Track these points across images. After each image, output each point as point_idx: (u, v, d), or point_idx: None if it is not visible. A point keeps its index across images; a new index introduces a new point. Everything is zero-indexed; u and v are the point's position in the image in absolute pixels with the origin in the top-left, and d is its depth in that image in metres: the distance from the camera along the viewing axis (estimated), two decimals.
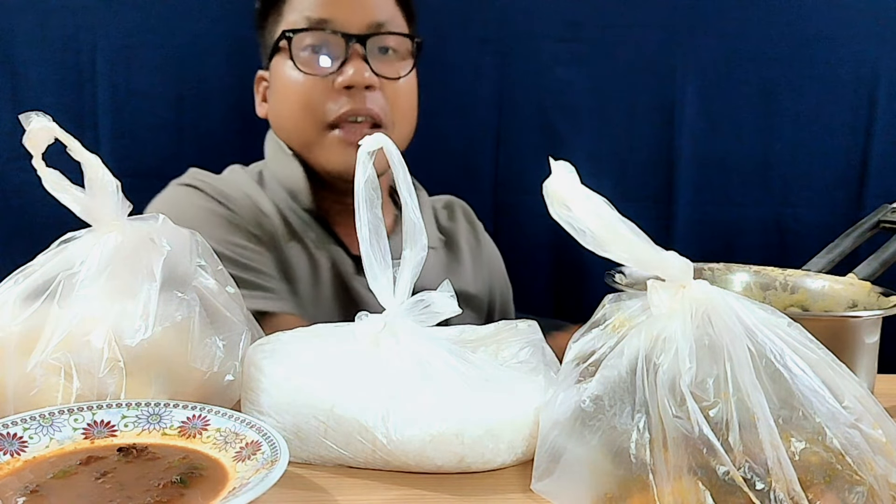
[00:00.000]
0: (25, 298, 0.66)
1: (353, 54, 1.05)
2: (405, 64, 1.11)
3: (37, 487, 0.53)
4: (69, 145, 0.66)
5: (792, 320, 0.56)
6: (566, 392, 0.58)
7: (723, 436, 0.50)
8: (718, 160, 1.28)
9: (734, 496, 0.49)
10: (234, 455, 0.58)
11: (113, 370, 0.64)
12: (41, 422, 0.60)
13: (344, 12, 1.07)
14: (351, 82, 1.04)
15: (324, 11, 1.06)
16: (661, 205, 1.29)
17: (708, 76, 1.26)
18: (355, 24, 1.06)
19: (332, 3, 1.07)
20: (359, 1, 1.09)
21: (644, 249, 0.54)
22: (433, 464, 0.60)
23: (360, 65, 1.05)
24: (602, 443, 0.54)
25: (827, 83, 1.26)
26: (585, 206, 0.53)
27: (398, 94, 1.10)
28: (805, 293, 0.81)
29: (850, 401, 0.52)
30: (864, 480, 0.50)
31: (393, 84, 1.08)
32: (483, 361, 0.65)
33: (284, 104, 1.10)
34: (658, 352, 0.54)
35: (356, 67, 1.04)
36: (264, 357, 0.65)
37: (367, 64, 1.05)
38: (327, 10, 1.06)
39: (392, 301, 0.64)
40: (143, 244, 0.69)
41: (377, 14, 1.08)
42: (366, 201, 0.64)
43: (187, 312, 0.69)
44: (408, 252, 0.64)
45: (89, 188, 0.67)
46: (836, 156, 1.28)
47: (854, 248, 0.85)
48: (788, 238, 1.29)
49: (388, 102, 1.08)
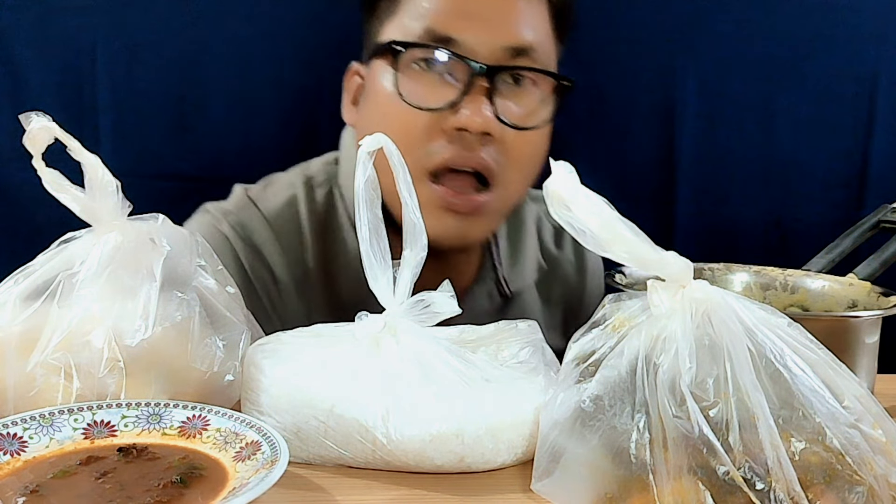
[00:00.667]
0: (25, 298, 0.66)
1: (475, 87, 0.82)
2: (542, 107, 0.87)
3: (37, 487, 0.53)
4: (69, 145, 0.66)
5: (792, 320, 0.56)
6: (566, 392, 0.58)
7: (723, 436, 0.50)
8: (718, 160, 1.28)
9: (734, 496, 0.49)
10: (234, 455, 0.58)
11: (113, 370, 0.64)
12: (41, 422, 0.60)
13: (477, 31, 0.83)
14: (466, 126, 0.82)
15: (452, 27, 0.83)
16: (661, 205, 1.29)
17: (708, 76, 1.26)
18: (487, 48, 0.83)
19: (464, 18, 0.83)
20: (500, 15, 0.85)
21: (644, 249, 0.54)
22: (433, 464, 0.60)
23: (481, 103, 0.82)
24: (602, 443, 0.54)
25: (827, 83, 1.26)
26: (585, 206, 0.53)
27: (523, 146, 0.86)
28: (805, 293, 0.81)
29: (850, 401, 0.53)
30: (864, 480, 0.50)
31: (519, 133, 0.85)
32: (483, 361, 0.65)
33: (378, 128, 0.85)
34: (658, 352, 0.54)
35: (475, 107, 0.82)
36: (264, 357, 0.65)
37: (490, 103, 0.83)
38: (456, 25, 0.83)
39: (392, 301, 0.64)
40: (143, 244, 0.69)
41: (521, 36, 0.84)
42: (366, 201, 0.64)
43: (187, 312, 0.69)
44: (408, 252, 0.64)
45: (89, 188, 0.67)
46: (836, 156, 1.28)
47: (854, 248, 0.85)
48: (788, 238, 1.29)
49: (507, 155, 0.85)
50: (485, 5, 0.85)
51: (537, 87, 0.87)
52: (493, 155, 0.84)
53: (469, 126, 0.82)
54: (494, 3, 0.85)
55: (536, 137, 0.87)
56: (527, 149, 0.87)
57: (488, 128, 0.82)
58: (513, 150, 0.85)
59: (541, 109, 0.88)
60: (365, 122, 0.93)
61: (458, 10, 0.84)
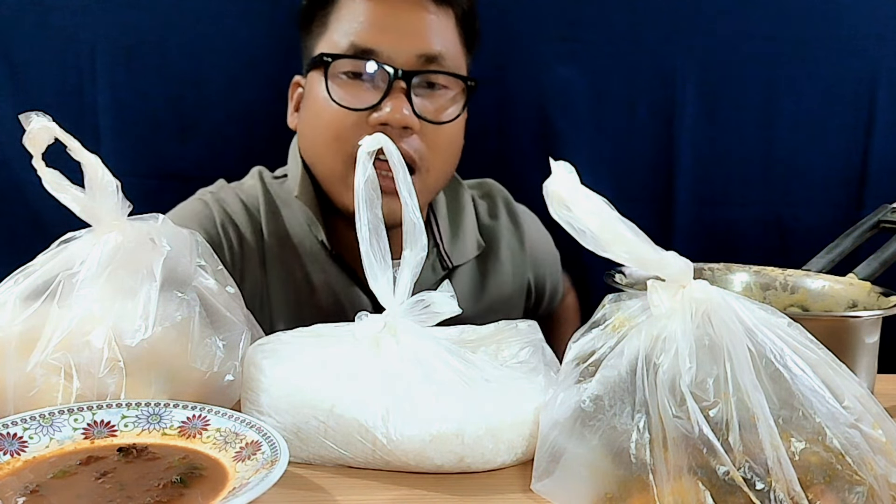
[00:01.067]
0: (25, 298, 0.66)
1: (395, 89, 0.95)
2: (453, 105, 1.01)
3: (37, 487, 0.53)
4: (69, 145, 0.66)
5: (792, 320, 0.56)
6: (566, 392, 0.58)
7: (723, 436, 0.50)
8: (718, 160, 1.28)
9: (734, 496, 0.49)
10: (234, 455, 0.58)
11: (113, 370, 0.64)
12: (41, 422, 0.60)
13: (393, 42, 0.96)
14: (387, 121, 0.94)
15: (371, 40, 0.96)
16: (661, 205, 1.29)
17: (708, 76, 1.26)
18: (403, 56, 0.96)
19: (382, 32, 0.96)
20: (412, 28, 0.98)
21: (644, 249, 0.54)
22: (433, 464, 0.60)
23: (401, 102, 0.95)
24: (602, 443, 0.54)
25: (827, 83, 1.26)
26: (585, 206, 0.53)
27: (439, 137, 0.99)
28: (805, 293, 0.81)
29: (850, 401, 0.53)
30: (864, 480, 0.50)
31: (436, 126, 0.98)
32: (483, 361, 0.65)
33: (314, 130, 1.01)
34: (658, 352, 0.54)
35: (395, 105, 0.94)
36: (264, 357, 0.65)
37: (408, 102, 0.95)
38: (375, 39, 0.96)
39: (392, 301, 0.64)
40: (143, 244, 0.69)
41: (430, 45, 0.98)
42: (366, 201, 0.64)
43: (187, 312, 0.69)
44: (408, 252, 0.64)
45: (89, 188, 0.67)
46: (836, 156, 1.28)
47: (854, 248, 0.85)
48: (788, 238, 1.29)
49: (427, 145, 0.98)
50: (400, 21, 0.98)
51: (448, 88, 1.01)
52: (414, 146, 0.97)
53: (390, 121, 0.94)
54: (408, 18, 0.99)
55: (451, 129, 1.01)
56: (444, 139, 1.01)
57: (406, 122, 0.95)
58: (430, 141, 0.99)
59: (452, 106, 1.01)
60: (304, 124, 1.05)
61: (378, 26, 0.97)
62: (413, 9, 0.99)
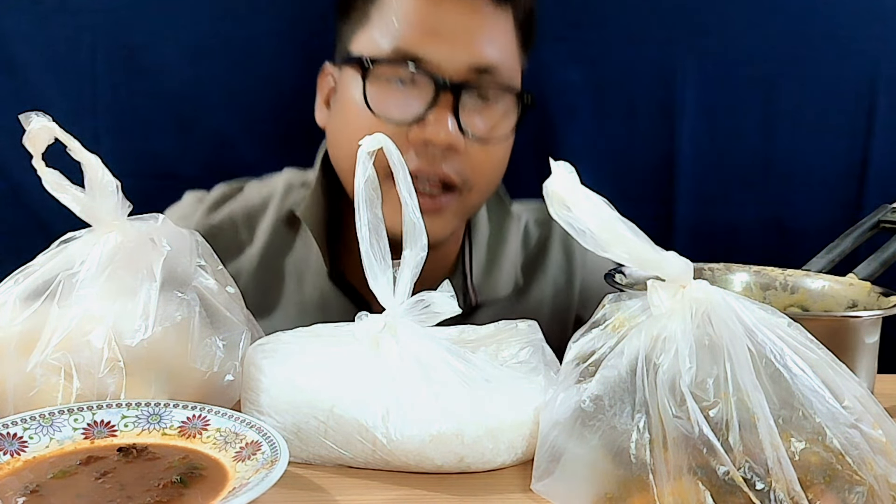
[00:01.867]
0: (25, 298, 0.66)
1: (440, 101, 0.85)
2: (505, 120, 0.90)
3: (37, 487, 0.53)
4: (69, 145, 0.66)
5: (792, 320, 0.56)
6: (566, 392, 0.58)
7: (723, 436, 0.50)
8: (718, 160, 1.28)
9: (734, 496, 0.49)
10: (234, 455, 0.58)
11: (113, 370, 0.64)
12: (41, 422, 0.60)
13: (442, 49, 0.85)
14: (430, 139, 0.85)
15: (417, 45, 0.85)
16: (661, 205, 1.28)
17: (708, 76, 1.26)
18: (453, 65, 0.85)
19: (430, 36, 0.86)
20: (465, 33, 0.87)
21: (644, 249, 0.54)
22: (433, 464, 0.60)
23: (446, 118, 0.84)
24: (602, 443, 0.54)
25: (827, 83, 1.26)
26: (585, 206, 0.53)
27: (487, 155, 0.89)
28: (805, 293, 0.81)
29: (850, 401, 0.53)
30: (864, 480, 0.50)
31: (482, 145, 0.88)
32: (483, 361, 0.65)
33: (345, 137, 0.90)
34: (658, 352, 0.54)
35: (440, 121, 0.84)
36: (264, 357, 0.65)
37: (455, 117, 0.85)
38: (422, 44, 0.85)
39: (392, 301, 0.64)
40: (143, 244, 0.69)
41: (485, 54, 0.87)
42: (366, 201, 0.64)
43: (187, 312, 0.69)
44: (408, 252, 0.64)
45: (89, 188, 0.67)
46: (836, 156, 1.28)
47: (854, 248, 0.85)
48: (788, 238, 1.29)
49: (471, 164, 0.88)
50: (451, 25, 0.87)
51: (500, 101, 0.90)
52: (455, 167, 0.87)
53: (433, 139, 0.85)
54: (460, 22, 0.87)
55: (499, 149, 0.91)
56: (489, 160, 0.90)
57: (452, 141, 0.85)
58: (476, 161, 0.89)
59: (503, 123, 0.90)
60: (334, 126, 0.96)
61: (426, 29, 0.86)
62: (467, 10, 0.87)
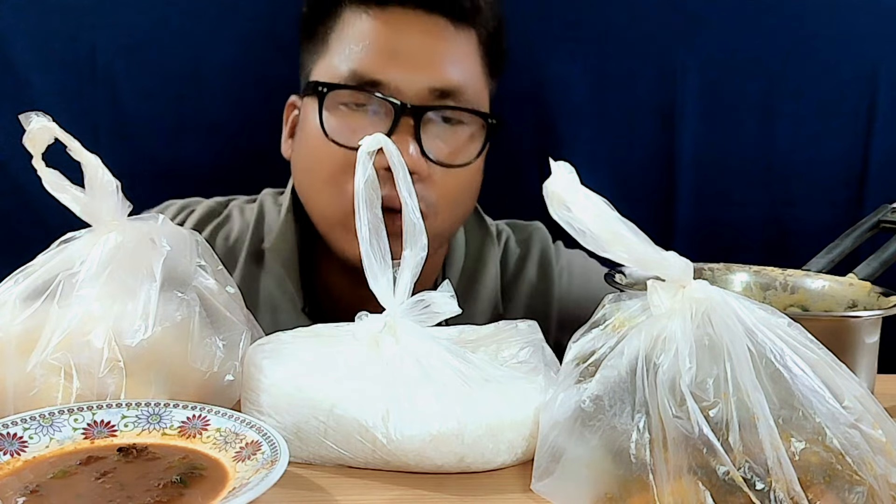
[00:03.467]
0: (25, 298, 0.66)
1: (401, 126, 0.81)
2: (471, 144, 0.86)
3: (37, 487, 0.53)
4: (69, 145, 0.66)
5: (792, 320, 0.56)
6: (566, 392, 0.58)
7: (723, 436, 0.50)
8: (718, 160, 1.28)
9: (734, 496, 0.49)
10: (234, 455, 0.58)
11: (113, 370, 0.64)
12: (41, 422, 0.60)
13: (402, 72, 0.82)
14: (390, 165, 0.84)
15: (376, 69, 0.83)
16: (661, 205, 1.29)
17: (708, 76, 1.26)
18: (413, 88, 0.82)
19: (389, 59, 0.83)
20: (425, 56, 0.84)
21: (644, 249, 0.54)
22: (433, 464, 0.60)
23: (407, 142, 0.81)
24: (602, 443, 0.54)
25: (827, 83, 1.26)
26: (585, 207, 0.53)
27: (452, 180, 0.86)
28: (805, 293, 0.81)
29: (850, 401, 0.52)
30: (864, 480, 0.50)
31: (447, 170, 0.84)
32: (483, 361, 0.65)
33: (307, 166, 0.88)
34: (658, 352, 0.54)
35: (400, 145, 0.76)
36: (264, 357, 0.65)
37: (417, 142, 0.82)
38: (381, 67, 0.82)
39: (392, 301, 0.64)
40: (143, 244, 0.69)
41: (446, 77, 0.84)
42: (365, 201, 0.64)
43: (187, 312, 0.69)
44: (408, 252, 0.64)
45: (89, 188, 0.67)
46: (836, 156, 1.28)
47: (854, 248, 0.85)
48: (788, 238, 1.29)
49: (437, 190, 0.84)
50: (410, 47, 0.84)
51: (466, 125, 0.87)
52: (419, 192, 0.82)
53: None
54: (421, 45, 0.85)
55: (465, 174, 0.87)
56: (455, 185, 0.87)
57: (414, 167, 0.81)
58: (441, 187, 0.85)
59: (469, 147, 0.87)
60: (297, 157, 0.93)
61: (385, 52, 0.84)
62: (427, 32, 0.85)
